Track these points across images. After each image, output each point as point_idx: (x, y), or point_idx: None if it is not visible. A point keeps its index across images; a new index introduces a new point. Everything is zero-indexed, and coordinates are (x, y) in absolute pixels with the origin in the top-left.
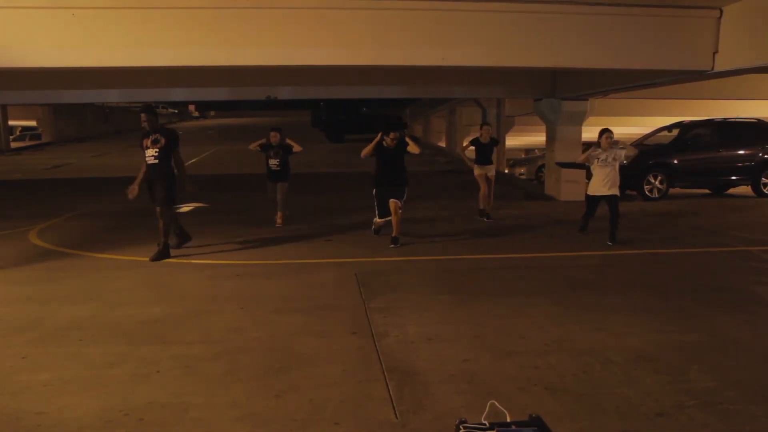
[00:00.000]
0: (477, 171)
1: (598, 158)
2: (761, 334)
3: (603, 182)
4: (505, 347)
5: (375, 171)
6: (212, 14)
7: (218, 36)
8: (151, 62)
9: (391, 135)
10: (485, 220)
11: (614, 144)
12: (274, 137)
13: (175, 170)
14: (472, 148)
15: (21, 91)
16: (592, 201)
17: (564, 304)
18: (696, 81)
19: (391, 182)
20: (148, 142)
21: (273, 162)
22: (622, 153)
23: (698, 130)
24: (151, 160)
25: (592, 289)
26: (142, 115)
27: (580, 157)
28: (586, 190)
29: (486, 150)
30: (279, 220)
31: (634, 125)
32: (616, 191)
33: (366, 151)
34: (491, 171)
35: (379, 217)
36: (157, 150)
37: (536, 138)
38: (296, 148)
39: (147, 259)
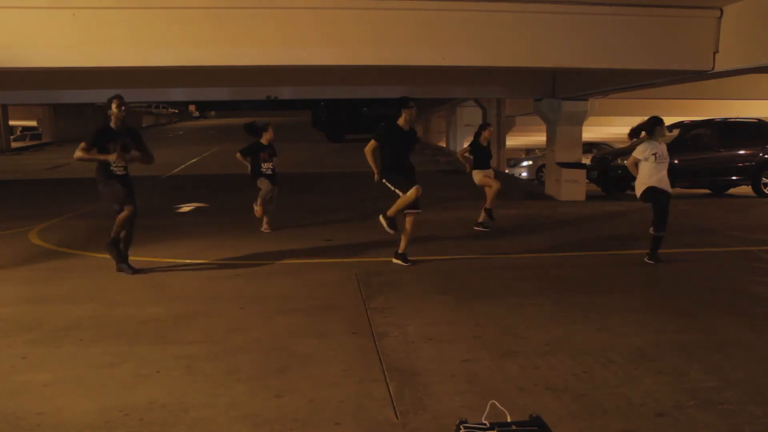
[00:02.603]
0: (479, 176)
1: (656, 154)
2: (761, 334)
3: (664, 179)
4: (505, 347)
5: (384, 162)
6: (212, 14)
7: (218, 36)
8: (151, 62)
9: (409, 104)
10: (487, 217)
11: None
12: (270, 135)
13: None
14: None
15: (21, 91)
16: (661, 193)
17: (564, 304)
18: (696, 81)
19: (406, 172)
20: (117, 147)
21: (267, 166)
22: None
23: (698, 130)
24: (120, 171)
25: (593, 289)
26: (116, 101)
27: (630, 161)
28: (641, 188)
29: (487, 153)
30: (268, 227)
31: (634, 125)
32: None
33: (371, 146)
34: (491, 176)
35: (411, 186)
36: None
37: (537, 138)
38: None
39: (148, 258)
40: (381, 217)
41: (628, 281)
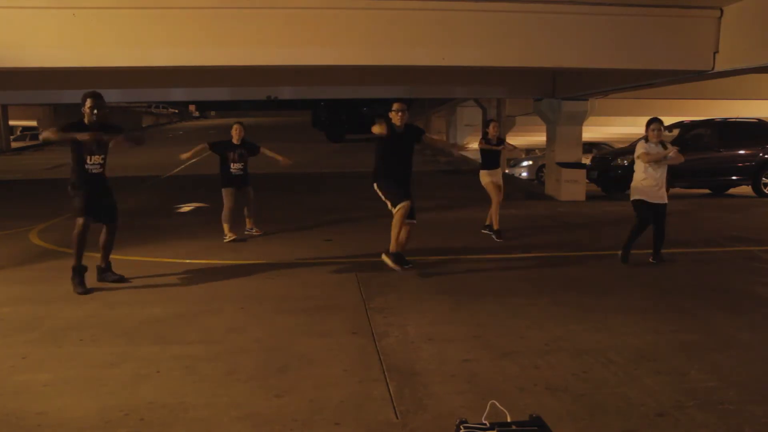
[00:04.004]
0: (486, 178)
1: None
2: (761, 334)
3: (657, 185)
4: (505, 347)
5: (376, 165)
6: (212, 14)
7: (218, 36)
8: (151, 62)
9: (395, 106)
10: (494, 237)
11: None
12: (239, 132)
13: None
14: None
15: (21, 91)
16: (649, 209)
17: (564, 304)
18: (696, 81)
19: (399, 180)
20: (93, 146)
21: (237, 167)
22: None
23: (698, 130)
24: (96, 170)
25: (592, 289)
26: (90, 100)
27: (640, 164)
28: (633, 195)
29: (495, 151)
30: (255, 229)
31: (634, 125)
32: (666, 198)
33: (378, 129)
34: (500, 178)
35: (401, 201)
36: (103, 157)
37: (537, 138)
38: (282, 160)
39: (148, 258)
40: (384, 256)
41: (628, 281)
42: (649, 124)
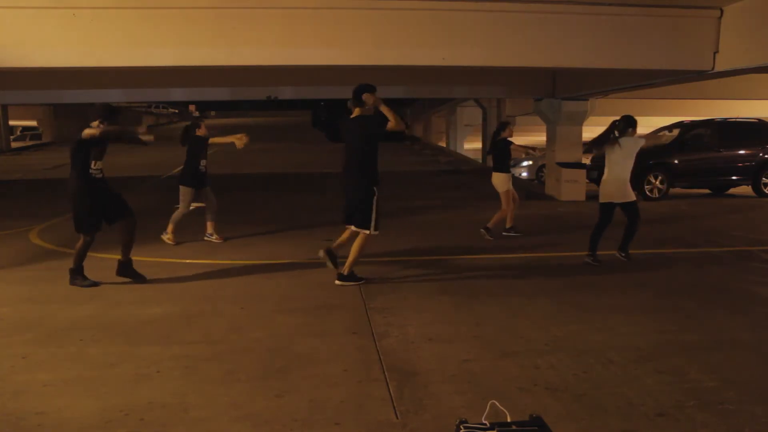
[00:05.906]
0: (508, 183)
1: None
2: (761, 334)
3: (612, 184)
4: (505, 347)
5: (375, 168)
6: (213, 14)
7: (218, 36)
8: (151, 62)
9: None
10: (487, 236)
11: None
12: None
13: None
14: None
15: (21, 91)
16: (603, 209)
17: (564, 304)
18: (696, 81)
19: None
20: (99, 151)
21: (204, 163)
22: (640, 143)
23: (698, 130)
24: (99, 175)
25: (593, 289)
26: (102, 120)
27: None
28: (600, 197)
29: (505, 152)
30: (219, 237)
31: None
32: (628, 197)
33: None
34: (510, 186)
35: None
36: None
37: (537, 138)
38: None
39: (149, 258)
40: (338, 281)
41: (628, 281)
42: None
